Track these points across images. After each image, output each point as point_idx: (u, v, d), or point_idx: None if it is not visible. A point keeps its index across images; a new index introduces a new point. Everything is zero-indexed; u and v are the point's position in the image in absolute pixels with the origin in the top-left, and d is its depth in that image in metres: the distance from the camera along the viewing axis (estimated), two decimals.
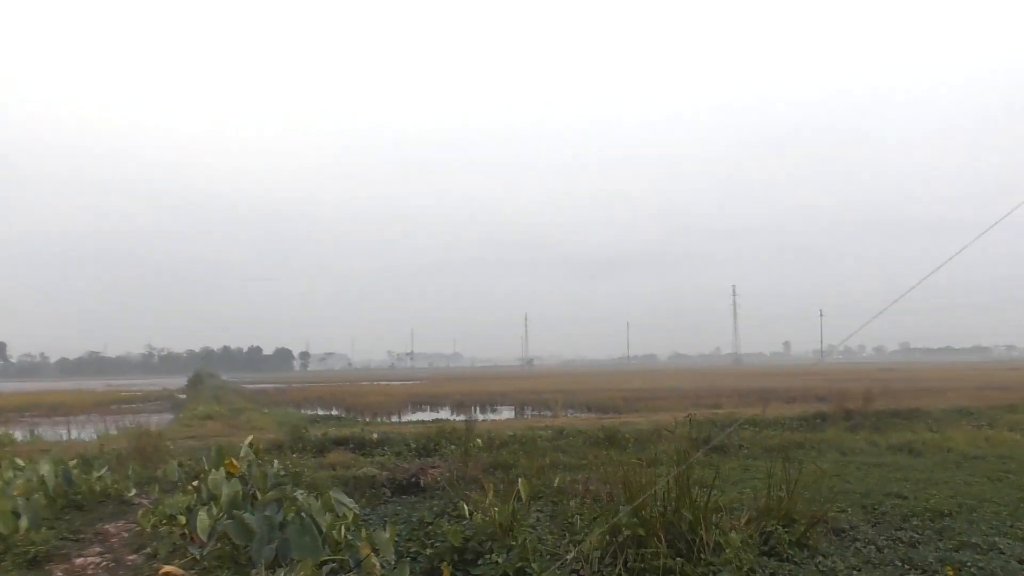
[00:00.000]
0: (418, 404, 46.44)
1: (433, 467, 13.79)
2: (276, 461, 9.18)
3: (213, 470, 7.76)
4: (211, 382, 73.54)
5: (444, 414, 41.58)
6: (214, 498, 7.39)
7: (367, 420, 35.23)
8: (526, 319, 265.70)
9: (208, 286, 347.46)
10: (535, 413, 39.08)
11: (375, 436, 17.53)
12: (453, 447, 15.50)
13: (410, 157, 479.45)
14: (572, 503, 10.11)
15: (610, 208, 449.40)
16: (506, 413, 40.17)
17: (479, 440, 15.88)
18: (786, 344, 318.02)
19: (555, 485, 11.32)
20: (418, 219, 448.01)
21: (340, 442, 17.34)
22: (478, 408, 44.26)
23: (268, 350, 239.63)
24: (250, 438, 9.06)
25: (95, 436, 20.82)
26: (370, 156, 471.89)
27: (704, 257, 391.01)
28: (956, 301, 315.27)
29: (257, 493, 7.40)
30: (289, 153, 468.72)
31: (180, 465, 9.94)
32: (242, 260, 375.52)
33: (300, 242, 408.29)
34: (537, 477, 12.37)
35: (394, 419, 37.58)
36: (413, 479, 13.20)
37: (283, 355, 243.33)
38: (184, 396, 55.24)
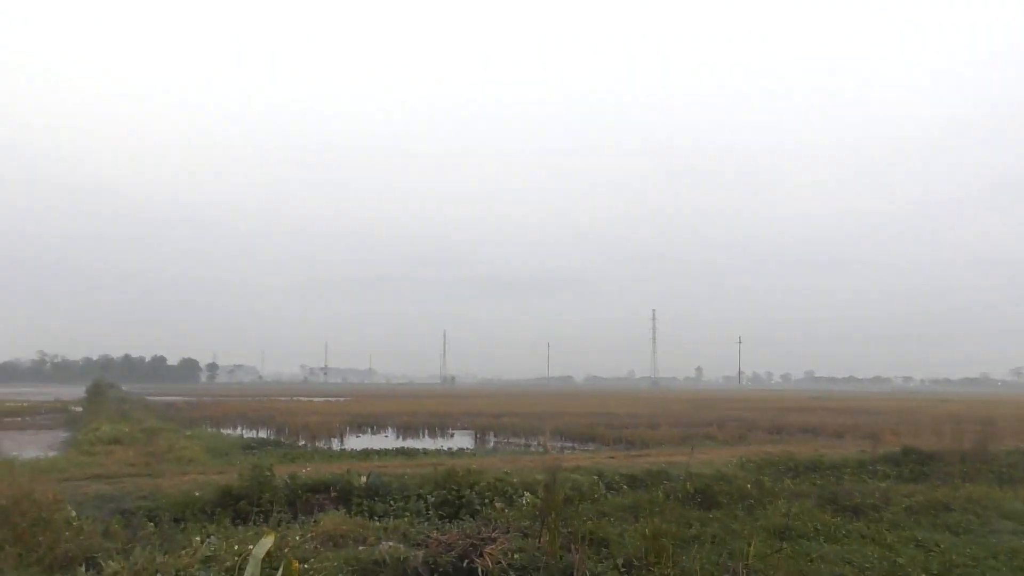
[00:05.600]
0: (357, 426, 41.09)
1: (483, 538, 9.18)
2: None
3: None
4: (113, 394, 65.22)
5: (391, 438, 36.64)
6: None
7: (306, 445, 30.06)
8: (445, 336, 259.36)
9: (108, 291, 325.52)
10: (499, 440, 34.49)
11: (364, 480, 12.73)
12: (498, 503, 10.86)
13: (325, 166, 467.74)
14: None
15: (528, 230, 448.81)
16: (462, 439, 35.39)
17: (528, 494, 11.30)
18: (698, 369, 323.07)
19: None
20: (333, 232, 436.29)
21: (315, 488, 12.48)
22: (426, 432, 39.33)
23: (172, 360, 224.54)
24: (268, 539, 4.23)
25: None
26: (278, 161, 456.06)
27: (619, 281, 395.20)
28: (857, 334, 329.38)
29: None
30: (196, 153, 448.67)
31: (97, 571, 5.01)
32: (146, 265, 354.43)
33: (207, 249, 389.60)
34: (662, 563, 7.98)
35: (336, 443, 32.49)
36: (464, 562, 8.59)
37: (189, 366, 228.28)
38: (81, 409, 47.91)
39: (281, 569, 4.05)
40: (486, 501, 11.37)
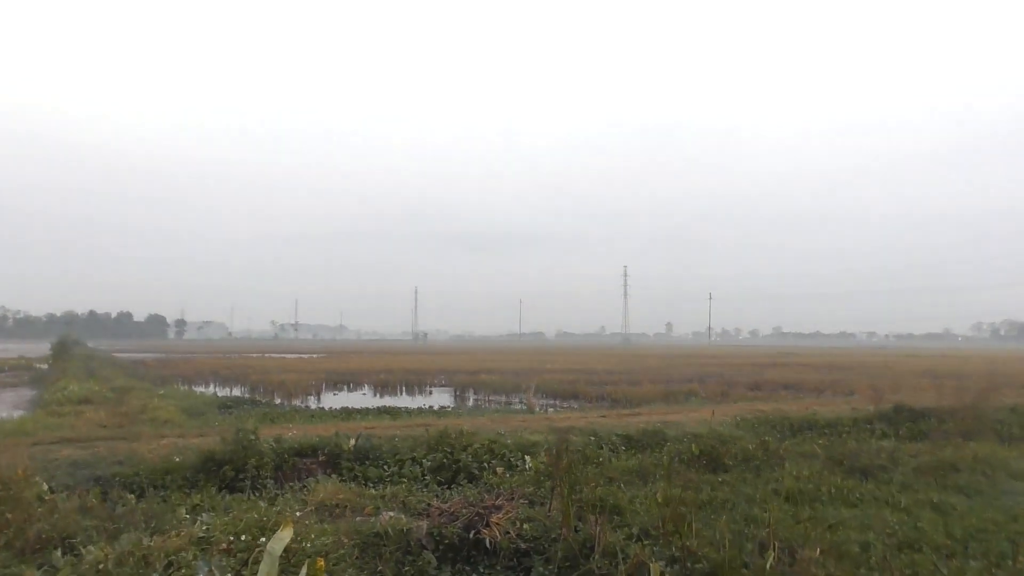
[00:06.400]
0: (333, 383, 40.47)
1: (487, 506, 8.66)
2: None
3: None
4: (79, 351, 63.78)
5: (369, 395, 36.08)
6: None
7: (283, 404, 29.41)
8: (416, 293, 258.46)
9: (72, 245, 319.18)
10: (479, 398, 34.13)
11: (352, 442, 12.15)
12: (499, 468, 10.34)
13: (297, 122, 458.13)
14: None
15: (500, 187, 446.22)
16: (440, 397, 34.97)
17: (527, 458, 10.81)
18: (668, 325, 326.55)
19: (766, 567, 6.48)
20: (304, 188, 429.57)
21: (302, 452, 11.88)
22: (404, 389, 38.84)
23: (139, 316, 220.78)
24: (287, 532, 3.58)
25: None
26: (248, 116, 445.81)
27: (590, 239, 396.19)
28: (822, 290, 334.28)
29: None
30: (164, 107, 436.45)
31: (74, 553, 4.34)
32: (111, 219, 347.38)
33: (175, 204, 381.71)
34: (682, 533, 7.53)
35: (313, 401, 31.88)
36: (470, 532, 8.07)
37: (156, 322, 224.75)
38: (46, 367, 46.59)
39: (304, 569, 3.46)
40: (483, 465, 10.86)
